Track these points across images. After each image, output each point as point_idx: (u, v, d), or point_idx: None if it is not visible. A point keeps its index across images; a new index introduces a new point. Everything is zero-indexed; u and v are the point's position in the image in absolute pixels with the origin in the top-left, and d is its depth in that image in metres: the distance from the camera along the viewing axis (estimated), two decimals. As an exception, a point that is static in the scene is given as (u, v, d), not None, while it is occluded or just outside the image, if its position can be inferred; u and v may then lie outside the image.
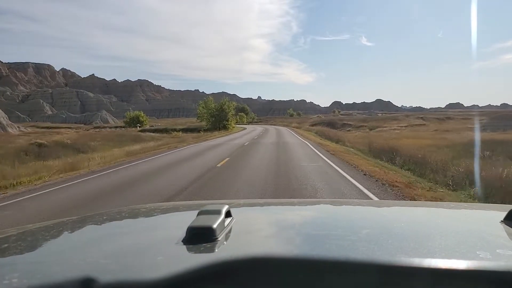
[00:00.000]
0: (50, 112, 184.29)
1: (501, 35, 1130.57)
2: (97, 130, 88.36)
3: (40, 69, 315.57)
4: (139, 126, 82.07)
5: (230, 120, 56.02)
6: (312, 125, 54.50)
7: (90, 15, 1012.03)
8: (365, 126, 48.36)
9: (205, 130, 50.63)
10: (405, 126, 44.36)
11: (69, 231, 1.11)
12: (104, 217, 1.25)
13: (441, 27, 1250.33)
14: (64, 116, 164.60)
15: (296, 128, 55.04)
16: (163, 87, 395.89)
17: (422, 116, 62.69)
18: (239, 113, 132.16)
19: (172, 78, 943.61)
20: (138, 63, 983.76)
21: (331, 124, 52.38)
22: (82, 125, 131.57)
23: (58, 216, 5.62)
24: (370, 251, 0.73)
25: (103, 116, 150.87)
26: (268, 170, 10.76)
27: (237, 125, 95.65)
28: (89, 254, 0.80)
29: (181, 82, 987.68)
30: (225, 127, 53.04)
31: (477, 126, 33.93)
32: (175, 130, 56.10)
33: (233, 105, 57.97)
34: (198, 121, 61.20)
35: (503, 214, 0.97)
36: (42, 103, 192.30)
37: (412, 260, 0.63)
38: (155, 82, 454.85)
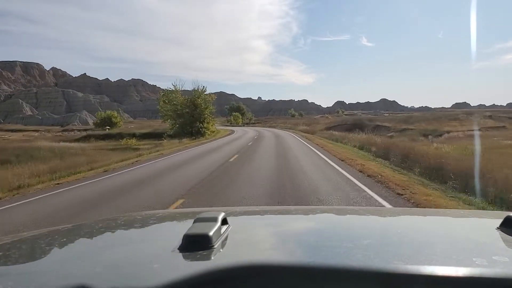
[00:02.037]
0: (30, 113, 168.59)
1: (501, 35, 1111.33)
2: (59, 133, 74.67)
3: (28, 68, 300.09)
4: (109, 129, 68.15)
5: (207, 121, 38.34)
6: (329, 128, 37.86)
7: (90, 17, 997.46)
8: (411, 129, 32.11)
9: (171, 136, 34.51)
10: (478, 130, 28.21)
11: (64, 239, 1.09)
12: (100, 225, 1.24)
13: (441, 28, 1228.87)
14: (40, 118, 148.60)
15: (308, 133, 34.59)
16: (159, 87, 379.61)
17: (490, 114, 46.66)
18: (234, 113, 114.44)
19: (172, 80, 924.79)
20: (138, 64, 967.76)
21: (358, 126, 35.99)
22: (59, 127, 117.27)
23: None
24: (367, 258, 0.73)
25: (83, 117, 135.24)
26: None
27: (228, 127, 79.54)
28: (85, 262, 0.80)
29: (181, 83, 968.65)
30: (198, 132, 35.95)
31: None
32: (134, 135, 39.89)
33: (211, 98, 40.28)
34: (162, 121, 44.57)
35: (499, 221, 0.96)
36: (22, 103, 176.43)
37: (409, 267, 0.63)
38: (154, 83, 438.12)
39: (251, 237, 1.01)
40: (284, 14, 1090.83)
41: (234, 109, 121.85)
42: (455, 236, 0.98)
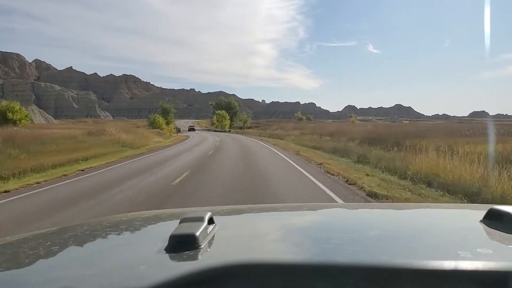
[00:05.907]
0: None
1: (507, 45, 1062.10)
2: None
3: (7, 58, 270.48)
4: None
5: None
6: None
7: (96, 17, 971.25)
8: None
9: None
10: None
11: (49, 243, 1.06)
12: (85, 228, 1.23)
13: (448, 36, 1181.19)
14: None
15: None
16: (152, 84, 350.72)
17: None
18: (218, 111, 77.27)
19: (176, 81, 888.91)
20: (142, 64, 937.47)
21: None
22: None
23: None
24: (354, 253, 0.74)
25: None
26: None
27: (204, 132, 48.43)
28: (71, 265, 0.79)
29: (185, 85, 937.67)
30: None
31: None
32: None
33: None
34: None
35: (483, 213, 0.97)
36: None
37: (394, 261, 0.64)
38: (158, 84, 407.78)
39: (238, 236, 1.00)
40: (291, 18, 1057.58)
41: (221, 106, 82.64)
42: (439, 230, 0.98)
